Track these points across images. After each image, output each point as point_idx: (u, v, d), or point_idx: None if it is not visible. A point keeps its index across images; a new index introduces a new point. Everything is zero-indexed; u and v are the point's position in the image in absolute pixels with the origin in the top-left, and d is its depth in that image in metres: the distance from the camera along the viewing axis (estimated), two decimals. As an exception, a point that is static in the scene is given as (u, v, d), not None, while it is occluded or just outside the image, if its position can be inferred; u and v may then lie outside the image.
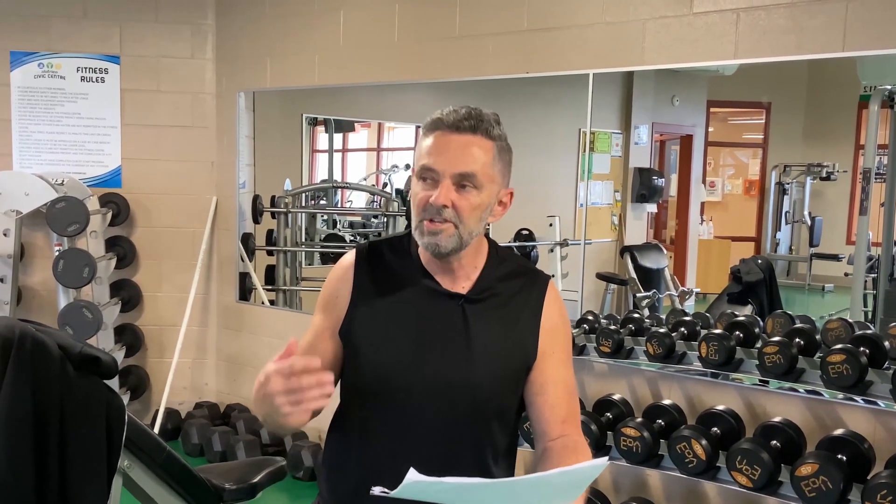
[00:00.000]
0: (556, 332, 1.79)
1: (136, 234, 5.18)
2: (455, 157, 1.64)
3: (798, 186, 6.79)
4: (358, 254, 1.80)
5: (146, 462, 2.57)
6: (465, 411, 1.69)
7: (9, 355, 2.22)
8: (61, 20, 4.98)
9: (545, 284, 1.81)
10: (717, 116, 7.12)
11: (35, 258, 4.97)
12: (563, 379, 1.77)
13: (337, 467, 1.79)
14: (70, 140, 5.08)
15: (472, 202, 1.65)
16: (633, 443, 3.04)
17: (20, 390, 2.22)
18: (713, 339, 3.05)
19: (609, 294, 5.98)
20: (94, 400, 2.36)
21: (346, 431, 1.78)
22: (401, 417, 1.69)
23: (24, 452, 2.21)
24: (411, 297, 1.74)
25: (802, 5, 3.05)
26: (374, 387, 1.71)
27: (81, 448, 2.32)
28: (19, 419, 2.21)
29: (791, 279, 6.71)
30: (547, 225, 5.74)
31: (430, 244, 1.66)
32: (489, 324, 1.74)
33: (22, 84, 5.00)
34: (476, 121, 1.66)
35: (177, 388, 5.05)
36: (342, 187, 7.05)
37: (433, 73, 4.22)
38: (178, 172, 5.16)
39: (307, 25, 4.69)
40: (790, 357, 2.88)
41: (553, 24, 3.73)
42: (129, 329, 5.14)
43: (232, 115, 5.08)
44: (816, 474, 2.61)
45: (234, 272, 5.17)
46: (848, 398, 2.88)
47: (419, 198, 1.66)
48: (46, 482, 2.26)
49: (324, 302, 1.80)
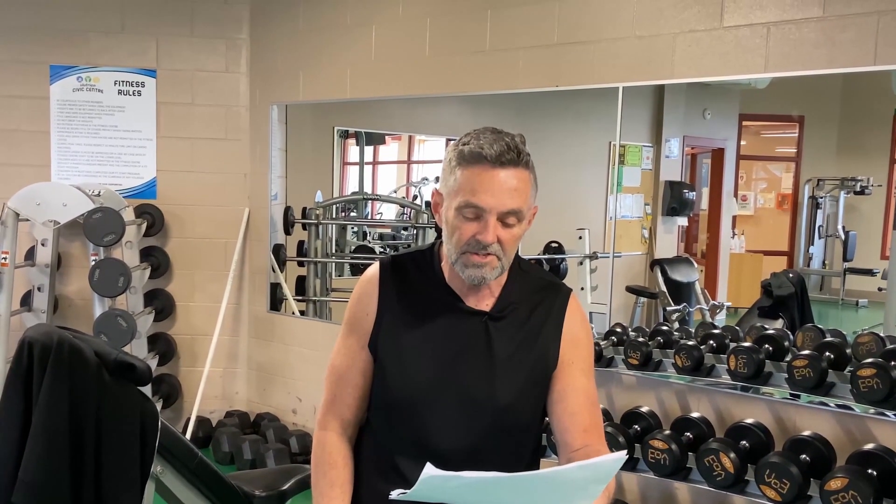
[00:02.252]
0: (578, 343, 1.80)
1: (169, 245, 5.26)
2: (502, 195, 1.63)
3: (832, 200, 6.73)
4: (382, 268, 1.82)
5: (178, 468, 2.61)
6: (489, 426, 1.71)
7: (47, 361, 2.28)
8: (100, 35, 5.09)
9: (567, 297, 1.83)
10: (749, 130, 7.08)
11: (72, 268, 5.07)
12: (583, 388, 1.77)
13: (361, 477, 1.81)
14: (107, 152, 5.18)
15: (515, 235, 1.68)
16: (660, 455, 3.04)
17: (58, 396, 2.28)
18: (742, 352, 3.04)
19: (639, 307, 5.96)
20: (128, 406, 2.41)
21: (372, 443, 1.82)
22: (425, 432, 1.71)
23: (61, 456, 2.26)
24: (435, 314, 1.76)
25: (833, 19, 3.04)
26: (399, 402, 1.74)
27: (116, 453, 2.37)
28: (57, 423, 2.26)
29: (824, 294, 6.64)
30: (577, 238, 5.74)
31: (474, 277, 1.68)
32: (512, 340, 1.76)
33: (61, 97, 5.11)
34: (516, 153, 1.65)
35: (208, 396, 5.12)
36: (372, 199, 7.10)
37: (463, 87, 4.25)
38: (211, 184, 5.24)
39: (339, 40, 4.75)
40: (820, 371, 2.86)
41: (583, 38, 3.75)
42: (163, 338, 5.22)
43: (265, 127, 5.15)
44: (846, 489, 2.59)
45: (265, 282, 5.23)
46: (879, 413, 2.86)
47: (461, 232, 1.66)
48: (82, 485, 2.31)
49: (353, 319, 1.82)
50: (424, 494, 1.36)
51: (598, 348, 3.50)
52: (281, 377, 5.16)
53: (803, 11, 3.11)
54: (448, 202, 1.69)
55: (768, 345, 3.11)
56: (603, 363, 3.51)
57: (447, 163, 1.70)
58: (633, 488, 3.52)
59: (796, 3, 3.12)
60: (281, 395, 5.17)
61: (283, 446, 4.59)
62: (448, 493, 1.38)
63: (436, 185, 1.74)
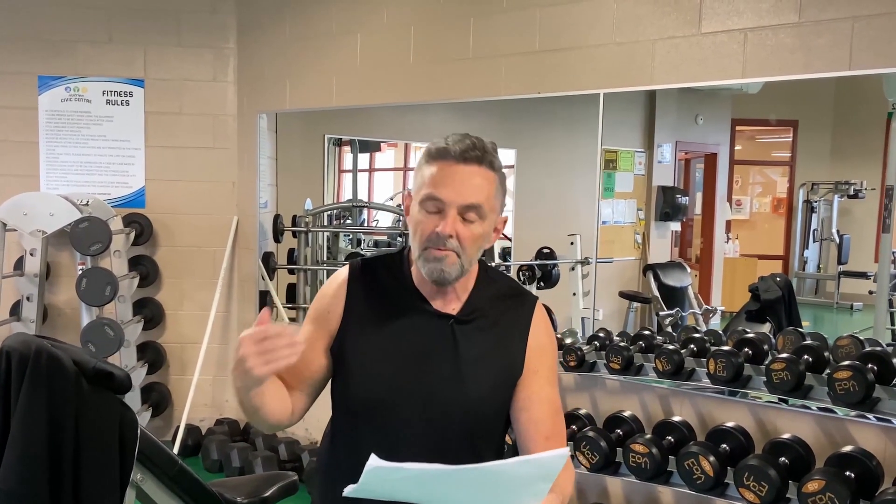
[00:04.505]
0: (543, 351, 1.82)
1: (158, 254, 5.28)
2: (462, 189, 1.66)
3: (826, 204, 6.76)
4: (351, 270, 1.84)
5: (159, 475, 2.61)
6: (452, 428, 1.73)
7: (25, 370, 2.30)
8: (87, 45, 5.12)
9: (533, 305, 1.85)
10: (744, 135, 7.11)
11: (61, 277, 5.08)
12: (547, 397, 1.80)
13: (328, 479, 1.83)
14: (96, 162, 5.20)
15: (474, 233, 1.69)
16: (641, 459, 3.05)
17: (36, 404, 2.29)
18: (721, 356, 3.06)
19: (632, 312, 5.98)
20: (107, 414, 2.42)
21: (336, 444, 1.83)
22: (390, 433, 1.73)
23: (39, 464, 2.27)
24: (401, 316, 1.77)
25: (809, 25, 3.07)
26: (364, 403, 1.75)
27: (95, 460, 2.38)
28: (34, 432, 2.27)
29: (819, 297, 6.67)
30: (568, 243, 5.76)
31: (433, 271, 1.69)
32: (478, 344, 1.77)
33: (49, 107, 5.13)
34: (481, 152, 1.68)
35: (198, 404, 5.12)
36: (362, 206, 7.12)
37: (447, 94, 4.28)
38: (200, 193, 5.26)
39: (325, 48, 4.78)
40: (797, 374, 2.88)
41: (564, 45, 3.78)
42: (152, 346, 5.23)
43: (252, 135, 5.18)
44: (823, 490, 2.60)
45: (254, 290, 5.24)
46: (860, 415, 2.88)
47: (423, 225, 1.68)
48: (60, 493, 2.31)
49: (315, 314, 1.83)
50: (373, 489, 1.37)
51: (581, 353, 3.52)
52: (270, 385, 5.16)
53: (779, 17, 3.14)
54: (414, 199, 1.72)
55: (748, 348, 3.13)
56: (585, 367, 3.53)
57: (417, 164, 1.74)
58: (617, 492, 3.53)
59: (773, 9, 3.15)
60: (270, 403, 5.17)
61: (272, 454, 4.60)
62: (395, 486, 1.39)
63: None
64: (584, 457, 3.22)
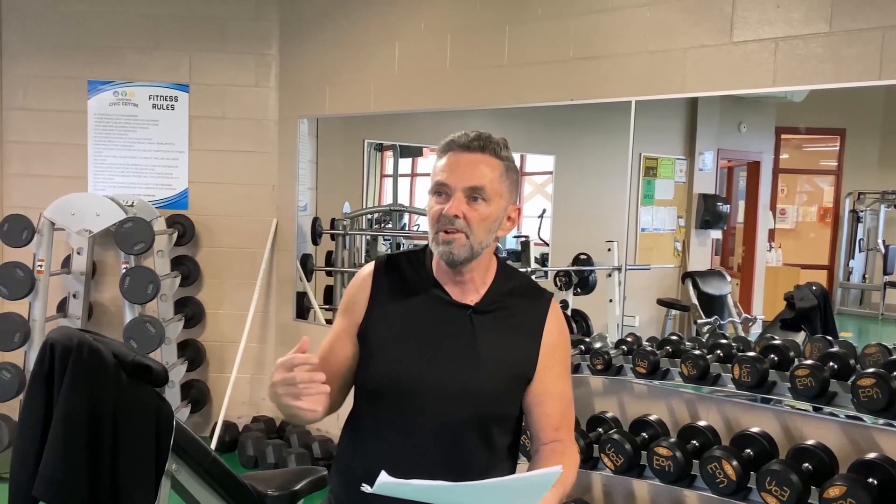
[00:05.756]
0: (556, 348, 1.91)
1: (200, 254, 5.42)
2: (466, 173, 1.79)
3: (872, 214, 6.69)
4: (377, 264, 1.96)
5: (192, 466, 2.70)
6: (468, 413, 1.81)
7: (68, 362, 2.40)
8: (135, 51, 5.28)
9: (548, 302, 1.94)
10: (790, 143, 7.04)
11: (106, 276, 5.24)
12: (560, 392, 1.91)
13: (347, 463, 1.93)
14: (141, 164, 5.36)
15: (481, 213, 1.79)
16: (665, 462, 3.09)
17: (77, 395, 2.38)
18: (746, 362, 3.08)
19: (670, 320, 5.97)
20: (144, 405, 2.52)
21: (356, 429, 1.93)
22: (407, 417, 1.82)
23: (79, 452, 2.37)
24: (423, 306, 1.88)
25: (839, 34, 3.08)
26: (383, 387, 1.85)
27: (132, 449, 2.47)
28: (75, 422, 2.37)
29: (864, 308, 6.59)
30: (605, 250, 5.77)
31: (444, 252, 1.80)
32: (494, 334, 1.86)
33: (98, 111, 5.30)
34: (484, 142, 1.81)
35: (235, 402, 5.25)
36: (400, 210, 7.20)
37: (482, 101, 4.35)
38: (241, 195, 5.39)
39: (364, 55, 4.88)
40: (822, 380, 2.89)
41: (597, 53, 3.82)
42: (192, 344, 5.36)
43: (293, 140, 5.29)
44: (844, 496, 2.62)
45: (291, 291, 5.36)
46: (887, 423, 2.88)
47: (433, 210, 1.81)
48: (98, 481, 2.40)
49: (344, 307, 1.95)
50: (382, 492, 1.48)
51: (608, 357, 3.56)
52: (306, 384, 5.26)
53: (810, 27, 3.15)
54: (429, 193, 1.84)
55: (774, 355, 3.14)
56: (612, 371, 3.56)
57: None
58: (643, 495, 3.56)
59: (803, 19, 3.17)
60: (306, 402, 5.27)
61: (306, 451, 4.70)
62: (407, 493, 1.50)
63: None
64: (609, 459, 3.26)
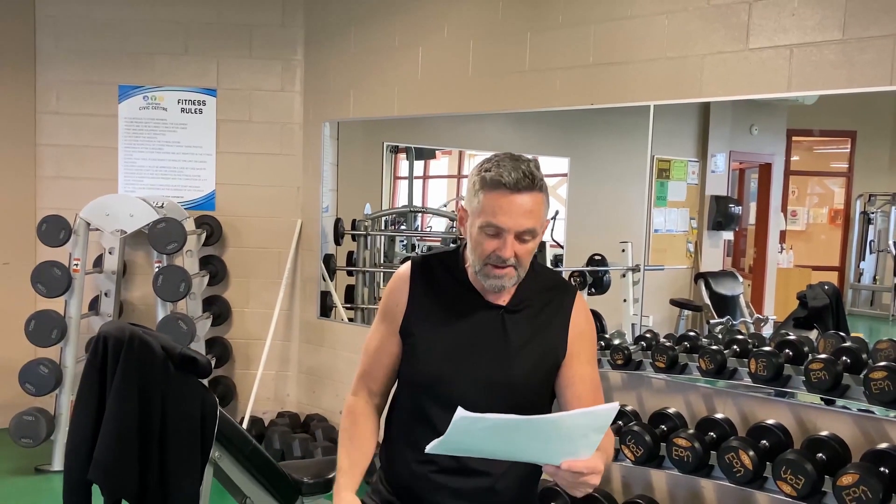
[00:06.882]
0: (583, 336, 2.07)
1: (227, 254, 5.56)
2: (519, 217, 1.87)
3: (883, 215, 6.75)
4: (413, 266, 2.10)
5: (234, 454, 2.84)
6: (502, 403, 1.92)
7: (120, 354, 2.54)
8: (165, 57, 5.44)
9: (574, 295, 2.09)
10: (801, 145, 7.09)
11: (136, 275, 5.39)
12: (588, 375, 2.06)
13: (392, 446, 2.10)
14: (170, 166, 5.51)
15: (529, 249, 1.94)
16: (684, 453, 3.20)
17: (129, 385, 2.52)
18: (762, 356, 3.19)
19: (683, 320, 6.06)
20: (191, 395, 2.66)
21: (401, 416, 2.10)
22: (447, 407, 1.94)
23: (130, 439, 2.51)
24: (458, 306, 2.04)
25: (852, 41, 3.20)
26: (425, 380, 2.02)
27: (179, 437, 2.61)
28: (127, 410, 2.51)
29: (875, 309, 6.65)
30: (619, 250, 5.87)
31: (494, 285, 1.95)
32: (524, 330, 2.02)
33: (128, 115, 5.46)
34: (531, 179, 1.88)
35: (261, 398, 5.39)
36: (417, 212, 7.32)
37: (504, 105, 4.47)
38: (266, 197, 5.53)
39: (388, 61, 5.00)
40: (835, 374, 3.00)
41: (617, 59, 3.94)
42: (219, 342, 5.50)
43: (317, 143, 5.43)
44: (857, 484, 2.73)
45: (315, 290, 5.49)
46: (899, 416, 2.99)
47: (483, 247, 1.92)
48: (148, 466, 2.54)
49: (386, 309, 2.10)
50: (454, 441, 1.61)
51: (628, 352, 3.68)
52: (330, 380, 5.40)
53: (824, 34, 3.27)
54: (472, 220, 1.95)
55: (789, 349, 3.25)
56: (632, 366, 3.69)
57: (471, 185, 1.95)
58: (661, 486, 3.68)
59: (818, 26, 3.28)
60: (329, 397, 5.41)
61: (331, 444, 4.82)
62: (474, 438, 1.62)
63: (462, 202, 1.99)
64: (629, 450, 3.38)
